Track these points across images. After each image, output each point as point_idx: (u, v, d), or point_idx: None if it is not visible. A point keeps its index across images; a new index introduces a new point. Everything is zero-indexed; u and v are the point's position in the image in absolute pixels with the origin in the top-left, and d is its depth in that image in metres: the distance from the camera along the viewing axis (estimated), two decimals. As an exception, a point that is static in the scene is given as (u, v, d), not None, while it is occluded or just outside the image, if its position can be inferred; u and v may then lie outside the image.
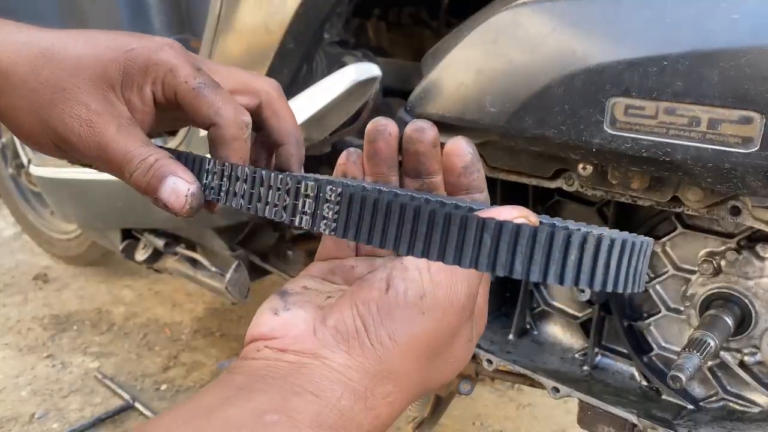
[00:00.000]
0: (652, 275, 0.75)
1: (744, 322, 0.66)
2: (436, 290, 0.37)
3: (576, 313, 0.83)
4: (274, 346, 0.38)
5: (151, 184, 0.43)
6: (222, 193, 0.42)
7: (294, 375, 0.36)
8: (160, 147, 0.46)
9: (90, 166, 0.48)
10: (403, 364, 0.37)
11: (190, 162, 0.44)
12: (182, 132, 1.05)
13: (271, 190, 0.38)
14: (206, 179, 0.43)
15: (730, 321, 0.65)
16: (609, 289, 0.31)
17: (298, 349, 0.37)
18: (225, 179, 0.42)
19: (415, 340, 0.37)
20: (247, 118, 0.45)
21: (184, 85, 0.44)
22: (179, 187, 0.43)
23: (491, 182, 0.83)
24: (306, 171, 0.46)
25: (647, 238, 0.36)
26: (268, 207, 0.39)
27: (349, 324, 0.37)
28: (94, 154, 0.44)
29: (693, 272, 0.70)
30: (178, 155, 0.45)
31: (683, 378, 0.58)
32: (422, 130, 0.44)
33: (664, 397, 0.73)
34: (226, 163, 0.42)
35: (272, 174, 0.38)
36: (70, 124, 0.43)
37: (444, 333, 0.38)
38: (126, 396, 1.48)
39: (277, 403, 0.34)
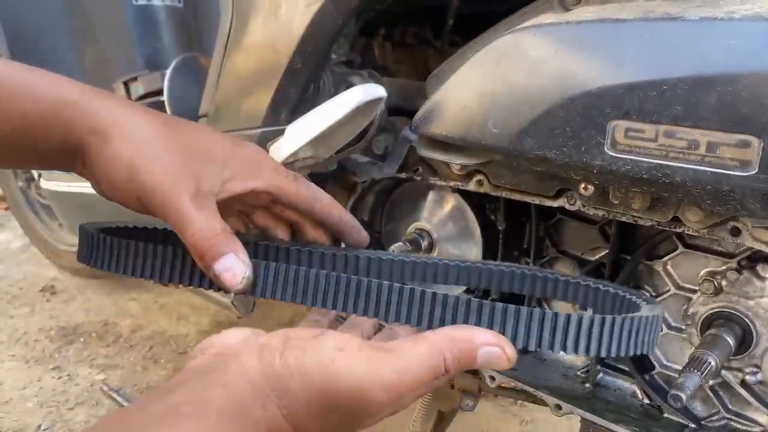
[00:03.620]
0: (653, 294, 0.76)
1: (745, 341, 0.67)
2: (361, 354, 0.40)
3: (578, 331, 0.83)
4: (207, 352, 0.43)
5: (208, 253, 0.46)
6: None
7: (213, 371, 0.41)
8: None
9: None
10: (300, 396, 0.40)
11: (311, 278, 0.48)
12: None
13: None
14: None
15: (731, 340, 0.65)
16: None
17: (223, 351, 0.43)
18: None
19: (316, 395, 0.40)
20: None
21: (286, 178, 0.56)
22: (237, 268, 0.47)
23: (495, 200, 0.84)
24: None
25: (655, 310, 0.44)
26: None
27: (274, 343, 0.42)
28: (165, 208, 0.47)
29: (694, 291, 0.71)
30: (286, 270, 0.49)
31: (684, 397, 0.59)
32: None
33: (665, 415, 0.73)
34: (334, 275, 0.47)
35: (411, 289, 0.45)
36: (157, 176, 0.47)
37: (349, 413, 0.41)
38: (131, 408, 1.48)
39: (194, 395, 0.39)
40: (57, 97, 0.49)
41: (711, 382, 0.71)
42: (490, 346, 0.42)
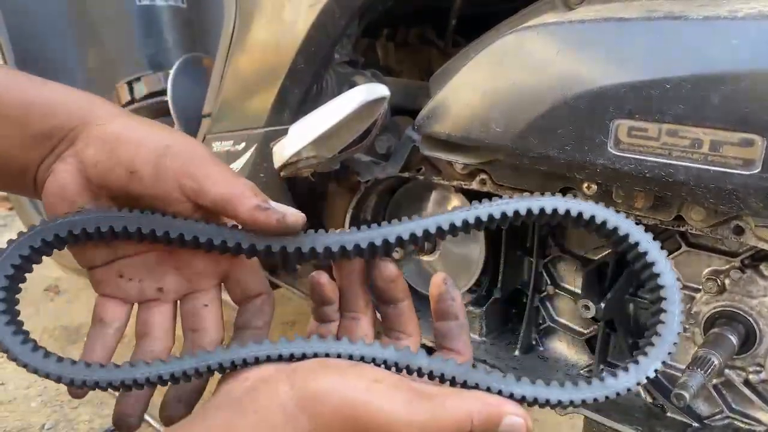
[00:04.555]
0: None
1: (748, 340, 0.67)
2: (389, 401, 0.41)
3: (581, 330, 0.83)
4: (237, 376, 0.45)
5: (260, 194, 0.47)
6: None
7: (245, 396, 0.42)
8: None
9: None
10: (332, 422, 0.41)
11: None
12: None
13: None
14: None
15: (734, 339, 0.65)
16: None
17: (254, 376, 0.44)
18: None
19: (349, 422, 0.41)
20: None
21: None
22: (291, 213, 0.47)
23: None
24: (314, 186, 0.49)
25: None
26: None
27: (307, 365, 0.44)
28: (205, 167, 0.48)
29: (697, 290, 0.71)
30: None
31: (687, 396, 0.59)
32: (380, 269, 0.51)
33: (669, 414, 0.73)
34: None
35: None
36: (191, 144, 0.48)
37: None
38: (135, 408, 1.48)
39: (227, 422, 0.41)
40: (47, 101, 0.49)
41: (714, 381, 0.71)
42: (516, 416, 0.43)
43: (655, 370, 0.44)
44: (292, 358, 0.46)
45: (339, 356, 0.46)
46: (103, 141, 0.47)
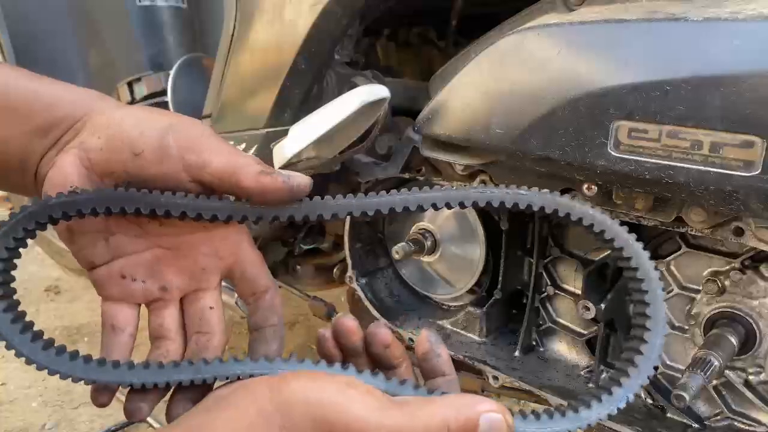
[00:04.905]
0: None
1: (748, 341, 0.67)
2: (360, 405, 0.41)
3: (581, 331, 0.83)
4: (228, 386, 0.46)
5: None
6: None
7: (229, 395, 0.43)
8: None
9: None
10: (302, 424, 0.41)
11: None
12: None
13: None
14: None
15: (734, 340, 0.65)
16: None
17: (242, 383, 0.45)
18: None
19: (318, 425, 0.41)
20: None
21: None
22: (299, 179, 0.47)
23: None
24: (316, 188, 0.49)
25: None
26: None
27: (287, 374, 0.44)
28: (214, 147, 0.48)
29: (697, 291, 0.71)
30: None
31: (687, 397, 0.59)
32: (373, 335, 0.50)
33: (669, 415, 0.73)
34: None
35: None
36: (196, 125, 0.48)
37: None
38: (135, 408, 1.49)
39: (206, 419, 0.42)
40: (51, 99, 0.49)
41: (714, 382, 0.71)
42: (493, 413, 0.43)
43: (627, 400, 0.45)
44: None
45: None
46: (106, 127, 0.48)
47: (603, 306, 0.74)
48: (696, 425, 0.72)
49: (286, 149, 0.75)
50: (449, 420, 0.42)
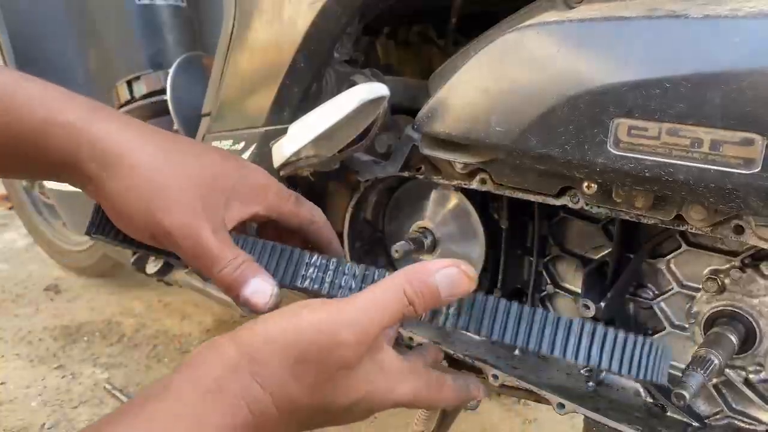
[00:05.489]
0: (656, 292, 0.76)
1: (748, 340, 0.67)
2: (324, 306, 0.43)
3: (582, 329, 0.83)
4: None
5: (237, 281, 0.49)
6: (325, 284, 0.50)
7: (195, 357, 0.43)
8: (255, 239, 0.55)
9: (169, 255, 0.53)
10: (270, 361, 0.41)
11: (286, 255, 0.52)
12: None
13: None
14: (306, 271, 0.51)
15: (734, 339, 0.65)
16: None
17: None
18: (330, 272, 0.51)
19: (284, 353, 0.41)
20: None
21: (287, 201, 0.56)
22: (264, 288, 0.49)
23: (498, 199, 0.84)
24: (314, 186, 0.50)
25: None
26: None
27: (248, 323, 0.45)
28: (189, 249, 0.49)
29: (697, 290, 0.71)
30: (272, 248, 0.53)
31: (687, 396, 0.59)
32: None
33: (669, 414, 0.73)
34: (333, 259, 0.51)
35: (381, 271, 0.49)
36: (176, 218, 0.48)
37: (322, 362, 0.42)
38: (135, 407, 1.48)
39: (173, 381, 0.42)
40: (45, 116, 0.47)
41: (714, 381, 0.71)
42: (446, 268, 0.43)
43: None
44: None
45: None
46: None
47: (603, 304, 0.74)
48: (696, 424, 0.71)
49: (284, 148, 0.75)
50: (403, 284, 0.44)
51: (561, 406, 0.73)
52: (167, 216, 0.48)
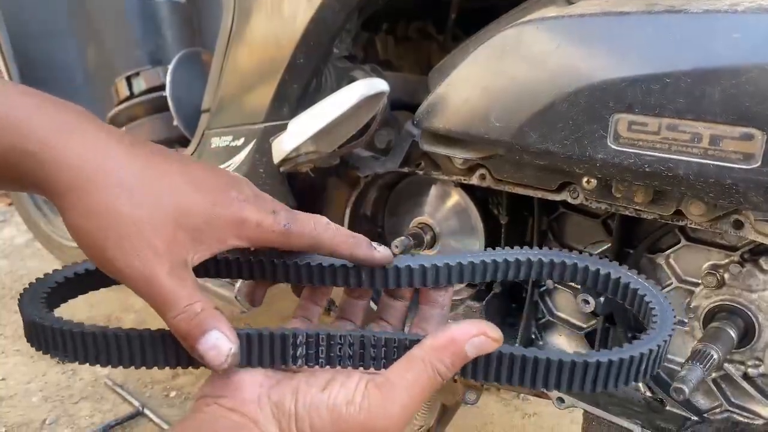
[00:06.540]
0: (656, 287, 0.76)
1: (747, 334, 0.67)
2: (365, 401, 0.42)
3: (581, 324, 0.84)
4: (223, 404, 0.44)
5: (191, 333, 0.43)
6: (321, 360, 0.46)
7: None
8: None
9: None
10: None
11: (267, 341, 0.46)
12: (193, 145, 1.06)
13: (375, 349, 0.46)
14: (295, 351, 0.46)
15: (733, 333, 0.66)
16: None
17: (243, 411, 0.43)
18: (322, 348, 0.47)
19: None
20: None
21: (272, 233, 0.47)
22: (221, 344, 0.43)
23: (497, 194, 0.84)
24: (314, 182, 0.49)
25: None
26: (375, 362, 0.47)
27: (287, 406, 0.43)
28: (141, 290, 0.43)
29: (697, 285, 0.71)
30: (247, 337, 0.46)
31: (686, 390, 0.59)
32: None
33: (668, 408, 0.74)
34: (321, 333, 0.46)
35: (377, 334, 0.46)
36: (129, 256, 0.43)
37: None
38: (135, 403, 1.49)
39: None
40: (11, 142, 0.42)
41: (713, 375, 0.71)
42: (474, 337, 0.43)
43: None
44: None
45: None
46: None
47: (602, 299, 0.74)
48: (695, 418, 0.72)
49: (284, 144, 0.75)
50: (436, 366, 0.43)
51: (560, 400, 0.74)
52: (119, 253, 0.43)
